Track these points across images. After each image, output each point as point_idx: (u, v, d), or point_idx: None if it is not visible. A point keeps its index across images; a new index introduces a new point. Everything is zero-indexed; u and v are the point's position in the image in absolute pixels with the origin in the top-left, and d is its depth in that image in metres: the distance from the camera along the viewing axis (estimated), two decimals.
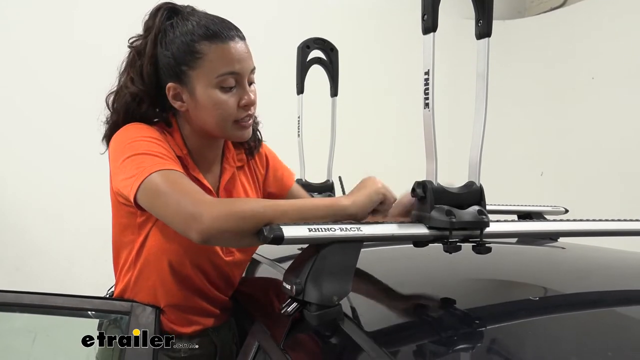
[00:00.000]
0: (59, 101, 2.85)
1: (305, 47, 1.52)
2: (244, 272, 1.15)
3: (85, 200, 2.74)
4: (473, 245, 0.79)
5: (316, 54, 1.54)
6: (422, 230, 0.75)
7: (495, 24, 0.77)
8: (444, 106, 1.71)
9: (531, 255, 1.23)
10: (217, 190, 1.03)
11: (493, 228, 0.79)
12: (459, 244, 0.76)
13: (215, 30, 0.90)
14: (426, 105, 0.75)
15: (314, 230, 0.67)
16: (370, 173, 0.89)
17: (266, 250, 1.22)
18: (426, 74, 0.75)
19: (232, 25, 0.94)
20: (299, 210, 0.76)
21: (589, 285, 0.94)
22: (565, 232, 0.94)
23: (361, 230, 0.71)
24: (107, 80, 1.00)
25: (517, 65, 4.03)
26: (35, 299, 0.97)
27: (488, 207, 0.79)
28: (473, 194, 0.78)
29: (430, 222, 0.75)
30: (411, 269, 1.04)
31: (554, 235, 1.20)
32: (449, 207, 0.74)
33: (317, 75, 1.57)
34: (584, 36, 3.78)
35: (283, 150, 1.30)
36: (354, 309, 0.77)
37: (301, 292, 0.70)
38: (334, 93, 1.58)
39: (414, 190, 0.77)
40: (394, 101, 3.80)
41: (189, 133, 0.99)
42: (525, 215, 1.51)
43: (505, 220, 0.90)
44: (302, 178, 1.58)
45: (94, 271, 2.06)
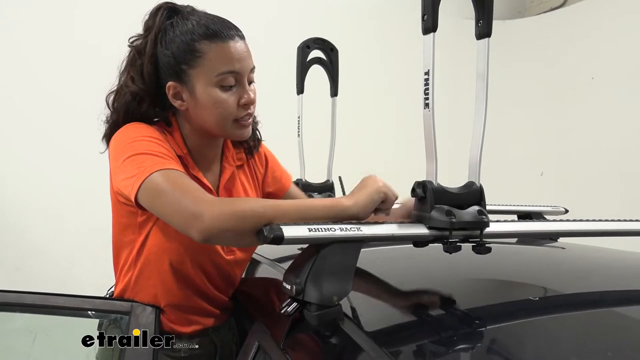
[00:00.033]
0: (59, 101, 2.85)
1: (305, 47, 1.52)
2: (244, 272, 1.15)
3: (85, 200, 2.75)
4: (473, 246, 0.79)
5: (316, 54, 1.54)
6: (422, 230, 0.75)
7: (495, 24, 0.77)
8: (444, 106, 1.71)
9: (531, 256, 1.23)
10: (217, 189, 1.03)
11: (493, 228, 0.79)
12: (459, 244, 0.76)
13: (215, 30, 0.90)
14: (426, 105, 0.75)
15: (314, 230, 0.67)
16: (371, 172, 0.89)
17: (266, 250, 1.22)
18: (426, 74, 0.75)
19: (232, 25, 0.94)
20: (300, 210, 0.76)
21: (589, 285, 0.94)
22: (565, 232, 0.94)
23: (361, 230, 0.71)
24: (107, 80, 1.00)
25: (517, 65, 4.03)
26: (36, 299, 0.97)
27: (488, 207, 0.79)
28: (473, 194, 0.78)
29: (430, 222, 0.75)
30: (411, 269, 1.04)
31: (554, 235, 1.20)
32: (449, 207, 0.74)
33: (317, 75, 1.57)
34: (584, 36, 3.78)
35: (283, 150, 1.30)
36: (354, 309, 0.76)
37: (301, 292, 0.70)
38: (334, 93, 1.58)
39: (414, 190, 0.77)
40: (394, 101, 3.80)
41: (188, 132, 0.99)
42: (525, 216, 1.51)
43: (505, 221, 0.90)
44: (302, 178, 1.57)
45: (94, 271, 2.06)
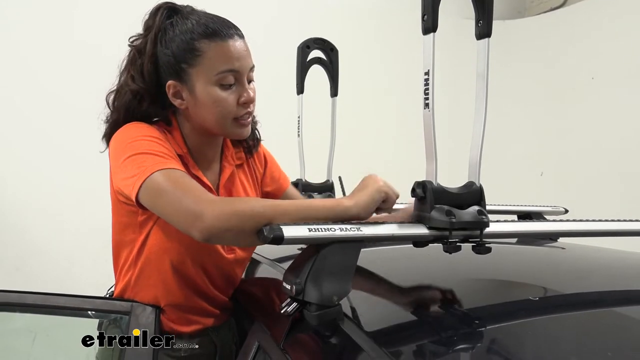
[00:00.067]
0: (59, 101, 2.85)
1: (305, 47, 1.52)
2: (244, 272, 1.15)
3: (85, 200, 2.74)
4: (473, 246, 0.79)
5: (316, 54, 1.54)
6: (422, 230, 0.75)
7: (495, 24, 0.77)
8: (444, 106, 1.71)
9: (531, 256, 1.23)
10: (217, 188, 1.03)
11: (493, 228, 0.79)
12: (458, 244, 0.76)
13: (215, 29, 0.91)
14: (426, 105, 0.75)
15: (314, 230, 0.67)
16: (371, 171, 0.89)
17: (266, 250, 1.22)
18: (426, 74, 0.75)
19: (231, 24, 0.94)
20: (300, 210, 0.76)
21: (589, 285, 0.94)
22: (565, 232, 0.94)
23: (361, 230, 0.71)
24: (107, 80, 1.00)
25: (517, 65, 4.03)
26: (36, 299, 0.97)
27: (488, 207, 0.79)
28: (473, 194, 0.78)
29: (430, 222, 0.75)
30: (411, 269, 1.04)
31: (554, 236, 1.20)
32: (449, 207, 0.74)
33: (317, 75, 1.57)
34: (584, 36, 3.78)
35: (283, 150, 1.30)
36: (354, 309, 0.76)
37: (301, 292, 0.69)
38: (334, 93, 1.58)
39: (413, 190, 0.77)
40: (394, 101, 3.80)
41: (188, 131, 0.99)
42: (525, 216, 1.51)
43: (505, 221, 0.90)
44: (302, 178, 1.57)
45: (94, 271, 2.06)
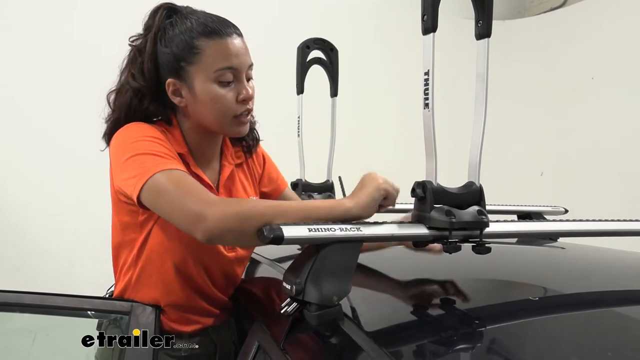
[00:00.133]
0: (59, 101, 2.84)
1: (305, 47, 1.52)
2: (244, 272, 1.15)
3: (85, 200, 2.74)
4: (473, 246, 0.79)
5: (316, 54, 1.54)
6: (422, 230, 0.75)
7: (495, 24, 0.77)
8: (444, 106, 1.71)
9: (531, 255, 1.23)
10: (217, 187, 1.03)
11: (493, 228, 0.79)
12: (458, 244, 0.76)
13: (214, 27, 0.91)
14: (426, 105, 0.75)
15: (314, 230, 0.67)
16: (370, 169, 0.88)
17: (266, 250, 1.22)
18: (426, 74, 0.75)
19: (230, 23, 0.95)
20: (301, 211, 0.76)
21: (589, 285, 0.94)
22: (565, 232, 0.94)
23: (361, 230, 0.71)
24: (108, 80, 1.01)
25: (517, 65, 4.03)
26: (36, 299, 0.97)
27: (488, 207, 0.79)
28: (473, 194, 0.78)
29: (430, 222, 0.75)
30: (411, 269, 1.04)
31: (554, 236, 1.20)
32: (449, 207, 0.74)
33: (317, 75, 1.57)
34: (584, 36, 3.78)
35: (283, 150, 1.30)
36: (354, 309, 0.76)
37: (301, 292, 0.69)
38: (334, 93, 1.58)
39: (413, 190, 0.77)
40: (394, 101, 3.80)
41: (188, 130, 0.99)
42: (525, 216, 1.51)
43: (505, 221, 0.90)
44: (302, 178, 1.57)
45: (94, 271, 2.05)
